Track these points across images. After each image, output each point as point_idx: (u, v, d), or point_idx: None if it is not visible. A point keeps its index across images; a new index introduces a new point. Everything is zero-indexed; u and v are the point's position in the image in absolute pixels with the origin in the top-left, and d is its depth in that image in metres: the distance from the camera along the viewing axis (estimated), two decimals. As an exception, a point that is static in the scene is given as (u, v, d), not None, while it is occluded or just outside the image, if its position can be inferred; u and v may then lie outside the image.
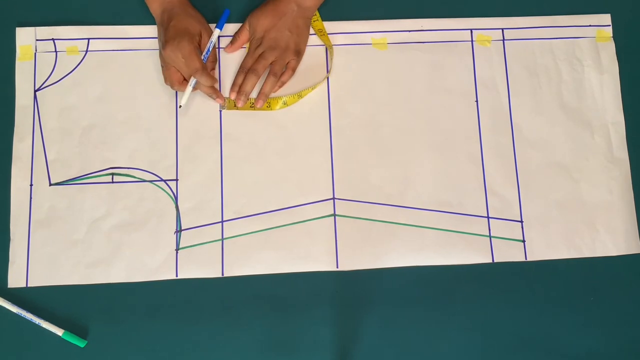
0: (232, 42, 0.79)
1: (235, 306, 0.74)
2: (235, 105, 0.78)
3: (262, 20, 0.77)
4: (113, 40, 0.80)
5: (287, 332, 0.74)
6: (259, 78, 0.78)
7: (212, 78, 0.74)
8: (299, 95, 0.79)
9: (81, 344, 0.72)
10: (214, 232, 0.76)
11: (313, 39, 0.81)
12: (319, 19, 0.81)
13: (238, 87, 0.78)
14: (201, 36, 0.75)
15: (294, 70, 0.78)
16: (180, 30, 0.73)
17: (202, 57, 0.75)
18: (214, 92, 0.76)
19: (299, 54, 0.78)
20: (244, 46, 0.80)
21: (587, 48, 0.83)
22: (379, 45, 0.82)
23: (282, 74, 0.78)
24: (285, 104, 0.79)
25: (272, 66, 0.77)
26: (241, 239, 0.76)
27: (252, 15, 0.78)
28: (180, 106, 0.76)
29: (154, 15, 0.77)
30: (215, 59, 0.78)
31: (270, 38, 0.77)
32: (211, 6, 0.81)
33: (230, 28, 0.81)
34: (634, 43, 0.84)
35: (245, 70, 0.78)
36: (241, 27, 0.79)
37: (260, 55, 0.77)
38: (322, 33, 0.80)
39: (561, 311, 0.76)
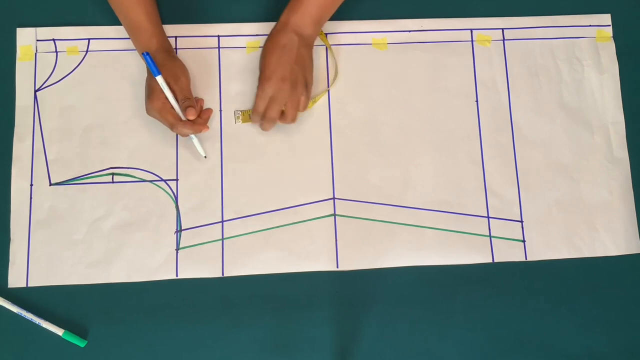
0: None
1: (235, 306, 0.74)
2: (250, 119, 0.78)
3: (267, 58, 0.74)
4: (113, 41, 0.80)
5: (287, 332, 0.74)
6: (276, 122, 0.76)
7: (190, 125, 0.72)
8: (313, 101, 0.78)
9: (81, 344, 0.72)
10: (214, 232, 0.76)
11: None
12: None
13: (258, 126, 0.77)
14: (176, 82, 0.73)
15: (307, 104, 0.76)
16: (148, 90, 0.73)
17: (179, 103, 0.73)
18: (200, 130, 0.74)
19: (307, 85, 0.75)
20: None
21: (587, 48, 0.83)
22: (379, 45, 0.82)
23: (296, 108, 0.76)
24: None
25: (286, 113, 0.75)
26: (241, 239, 0.76)
27: (260, 60, 0.76)
28: (205, 157, 0.77)
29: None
30: (184, 97, 0.73)
31: (278, 78, 0.73)
32: (211, 6, 0.81)
33: (230, 28, 0.81)
34: (634, 43, 0.84)
35: (259, 114, 0.75)
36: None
37: (272, 99, 0.74)
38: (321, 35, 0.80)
39: (561, 311, 0.76)
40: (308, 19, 0.74)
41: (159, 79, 0.71)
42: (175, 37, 0.80)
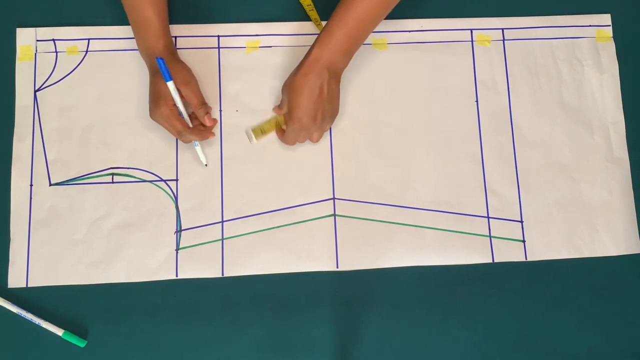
0: (276, 107, 0.77)
1: (235, 306, 0.74)
2: (262, 133, 0.77)
3: (298, 98, 0.72)
4: (113, 41, 0.80)
5: (287, 332, 0.74)
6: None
7: (197, 132, 0.73)
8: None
9: (81, 344, 0.72)
10: (214, 232, 0.76)
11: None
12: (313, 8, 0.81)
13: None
14: (187, 85, 0.72)
15: (328, 128, 0.77)
16: (155, 95, 0.72)
17: (186, 109, 0.74)
18: (206, 137, 0.74)
19: (334, 116, 0.76)
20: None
21: (587, 48, 0.83)
22: (379, 45, 0.82)
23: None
24: None
25: (312, 137, 0.76)
26: (241, 239, 0.76)
27: (288, 94, 0.73)
28: (206, 165, 0.77)
29: (145, 62, 0.77)
30: (200, 102, 0.73)
31: (310, 117, 0.72)
32: (211, 6, 0.81)
33: (230, 28, 0.81)
34: (634, 43, 0.84)
35: (289, 144, 0.77)
36: (281, 103, 0.76)
37: (302, 131, 0.74)
38: (310, 8, 0.80)
39: (561, 311, 0.76)
40: (340, 53, 0.72)
41: (170, 85, 0.70)
42: (175, 37, 0.80)
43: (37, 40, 0.79)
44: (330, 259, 0.75)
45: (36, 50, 0.79)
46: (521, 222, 0.78)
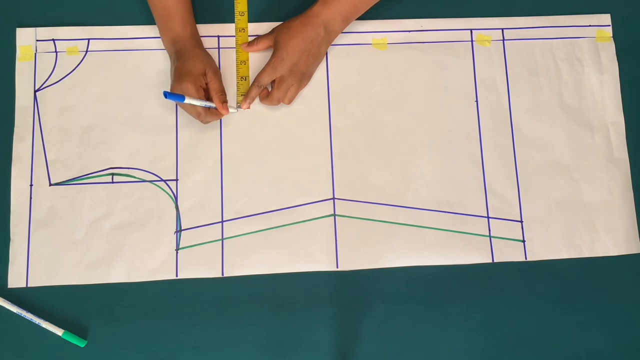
0: (250, 44, 0.79)
1: (235, 306, 0.74)
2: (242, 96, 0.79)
3: (292, 44, 0.75)
4: (113, 41, 0.80)
5: (287, 332, 0.74)
6: (279, 104, 0.78)
7: (217, 116, 0.75)
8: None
9: (81, 344, 0.72)
10: (214, 232, 0.76)
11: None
12: None
13: (252, 100, 0.78)
14: (206, 75, 0.74)
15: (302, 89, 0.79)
16: (183, 74, 0.73)
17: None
18: (222, 115, 0.76)
19: (310, 77, 0.79)
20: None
21: (587, 48, 0.83)
22: (379, 45, 0.82)
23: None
24: None
25: (288, 94, 0.77)
26: (241, 239, 0.76)
27: (280, 34, 0.76)
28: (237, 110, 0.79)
29: (167, 51, 0.78)
30: (221, 89, 0.75)
31: (294, 63, 0.75)
32: (211, 6, 0.81)
33: (230, 28, 0.81)
34: (634, 43, 0.84)
35: (260, 86, 0.77)
36: (266, 36, 0.78)
37: (280, 81, 0.76)
38: None
39: (561, 311, 0.76)
40: (339, 16, 0.76)
41: (187, 99, 0.71)
42: (175, 37, 0.80)
43: (37, 40, 0.79)
44: (330, 259, 0.75)
45: (36, 50, 0.79)
46: (521, 222, 0.78)
